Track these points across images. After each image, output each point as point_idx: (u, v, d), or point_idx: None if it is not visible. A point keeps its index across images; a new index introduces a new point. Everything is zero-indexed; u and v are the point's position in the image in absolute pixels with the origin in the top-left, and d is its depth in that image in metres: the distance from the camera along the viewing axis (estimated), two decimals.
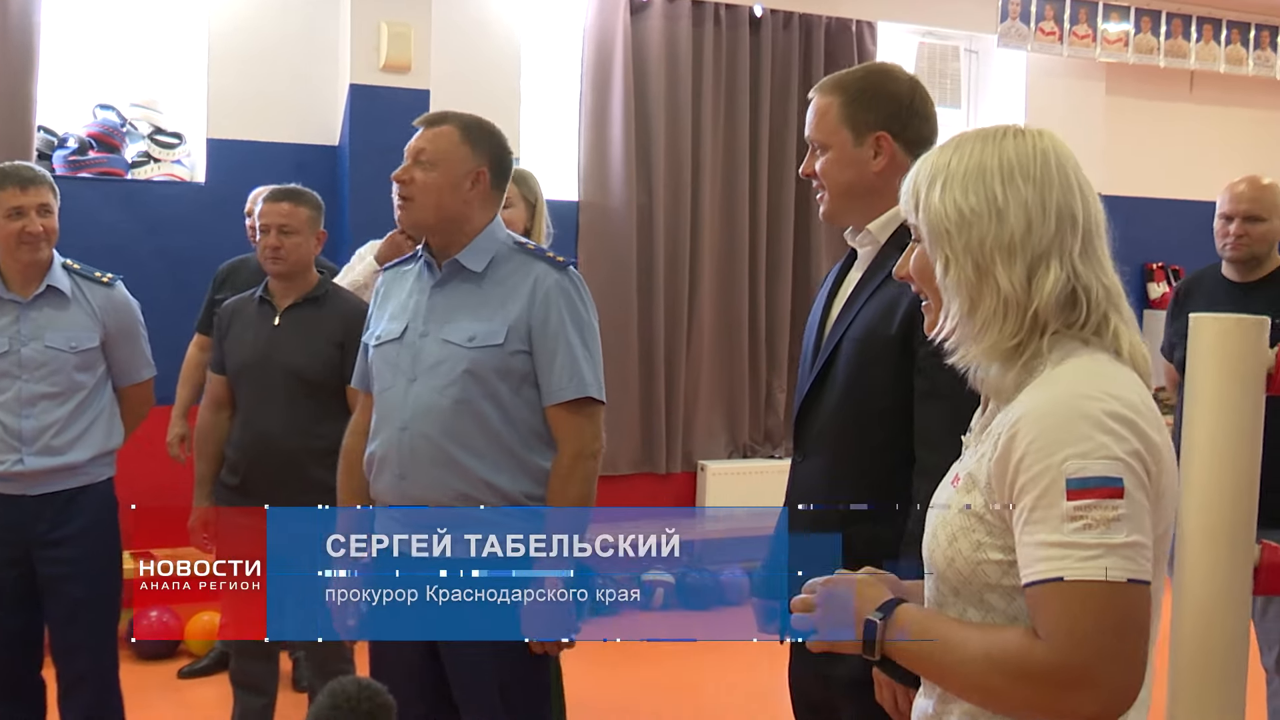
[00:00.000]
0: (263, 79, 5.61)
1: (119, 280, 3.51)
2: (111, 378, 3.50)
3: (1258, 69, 7.82)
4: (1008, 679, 1.41)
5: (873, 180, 2.30)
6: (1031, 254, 1.49)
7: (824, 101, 2.32)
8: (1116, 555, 1.37)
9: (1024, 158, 1.51)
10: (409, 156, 2.69)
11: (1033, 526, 1.40)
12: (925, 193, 1.54)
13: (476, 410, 2.64)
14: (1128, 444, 1.39)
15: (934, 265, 1.53)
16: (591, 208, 6.22)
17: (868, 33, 6.78)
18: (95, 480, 3.43)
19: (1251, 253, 3.80)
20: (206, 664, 4.95)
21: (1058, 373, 1.47)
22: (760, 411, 6.69)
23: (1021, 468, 1.41)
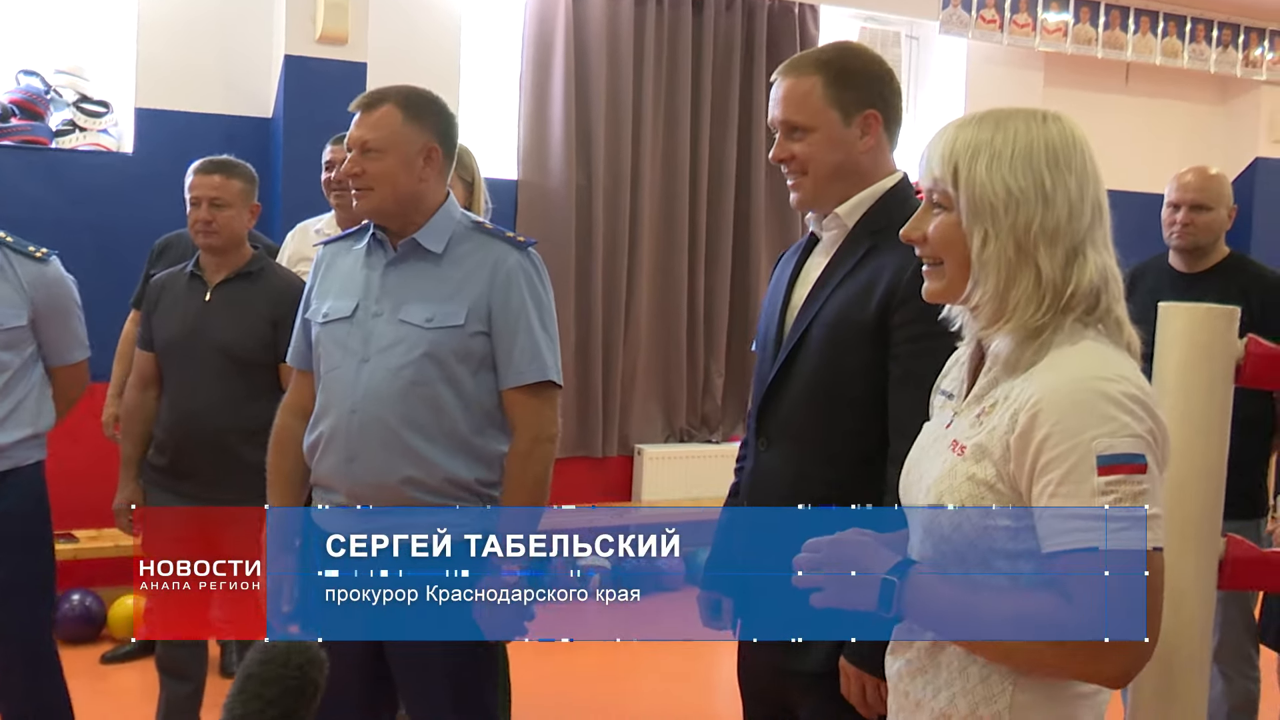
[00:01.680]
0: (194, 48, 5.45)
1: (54, 256, 3.32)
2: (42, 358, 3.33)
3: (1193, 62, 7.90)
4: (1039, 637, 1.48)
5: (859, 161, 2.25)
6: (1070, 241, 1.56)
7: (804, 82, 2.24)
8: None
9: (1066, 145, 1.58)
10: (354, 147, 2.59)
11: (1061, 499, 1.48)
12: (968, 165, 1.57)
13: (431, 393, 2.56)
14: (1145, 423, 1.49)
15: (969, 238, 1.57)
16: (530, 187, 6.13)
17: (810, 16, 6.74)
18: (20, 464, 3.25)
19: (1197, 242, 3.80)
20: (131, 649, 4.83)
21: (1071, 355, 1.54)
22: (698, 396, 6.65)
23: (1047, 445, 1.49)
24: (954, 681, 1.61)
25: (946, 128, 1.62)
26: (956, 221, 1.58)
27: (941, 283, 1.63)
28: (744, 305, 6.66)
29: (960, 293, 1.61)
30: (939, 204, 1.60)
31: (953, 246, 1.59)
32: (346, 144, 2.62)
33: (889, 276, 2.14)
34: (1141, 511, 1.45)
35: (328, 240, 2.85)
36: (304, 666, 1.93)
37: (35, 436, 3.29)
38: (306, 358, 2.75)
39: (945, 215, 1.60)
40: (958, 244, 1.58)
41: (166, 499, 3.55)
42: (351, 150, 2.60)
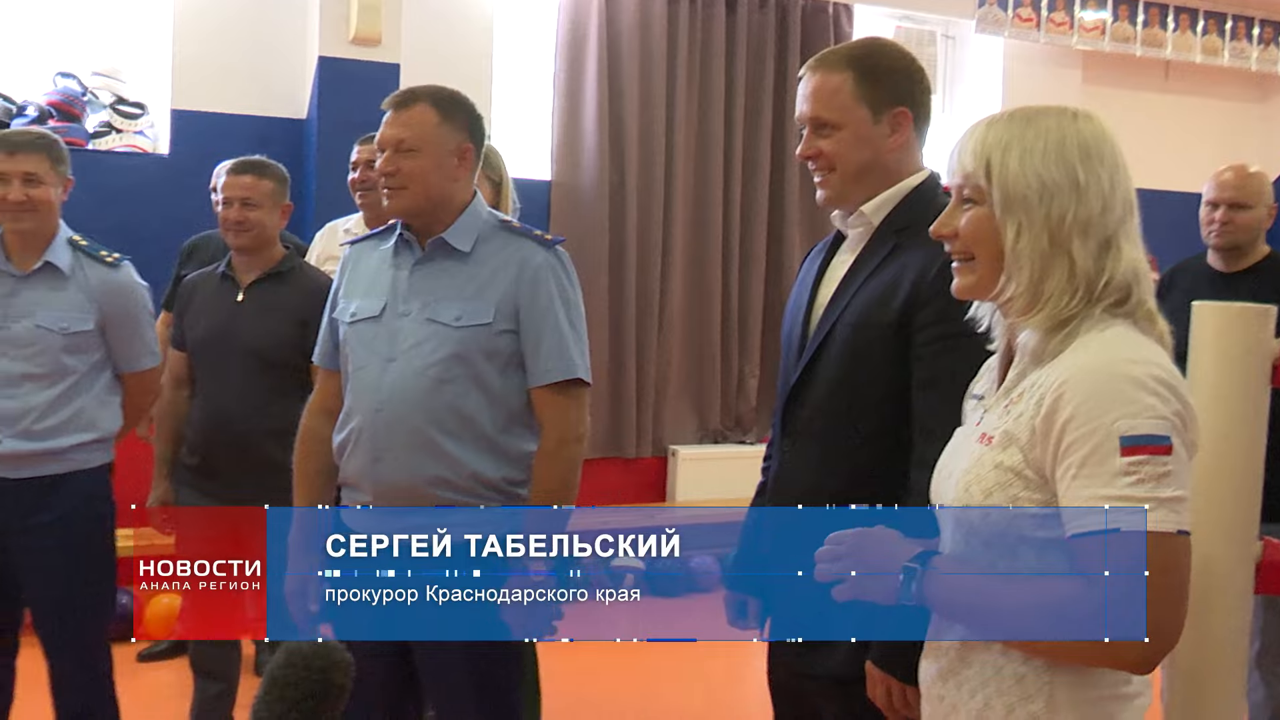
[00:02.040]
0: (229, 49, 5.48)
1: (125, 261, 3.30)
2: (112, 364, 3.30)
3: (1233, 60, 7.81)
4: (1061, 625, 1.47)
5: (887, 159, 2.22)
6: (1103, 233, 1.56)
7: (833, 78, 2.20)
8: (1166, 508, 1.45)
9: (1097, 140, 1.58)
10: (387, 146, 2.57)
11: (1084, 481, 1.47)
12: (1000, 158, 1.58)
13: (458, 392, 2.56)
14: (1171, 405, 1.47)
15: (1003, 231, 1.57)
16: (563, 187, 6.13)
17: (844, 15, 6.71)
18: (81, 468, 3.22)
19: (1235, 241, 3.75)
20: (166, 647, 4.85)
21: (1098, 340, 1.53)
22: (731, 396, 6.63)
23: (1070, 427, 1.48)
24: (988, 682, 1.60)
25: (976, 124, 1.63)
26: (989, 215, 1.58)
27: (973, 278, 1.62)
28: (777, 305, 6.62)
29: (992, 287, 1.61)
30: (970, 199, 1.61)
31: (985, 240, 1.59)
32: (379, 143, 2.61)
33: (913, 276, 2.12)
34: (1166, 493, 1.44)
35: (354, 240, 2.84)
36: (326, 670, 1.94)
37: (99, 441, 3.26)
38: (333, 357, 2.75)
39: (977, 209, 1.60)
40: (990, 238, 1.59)
41: (196, 498, 3.56)
42: (384, 149, 2.58)
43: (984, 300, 1.66)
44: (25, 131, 3.34)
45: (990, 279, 1.60)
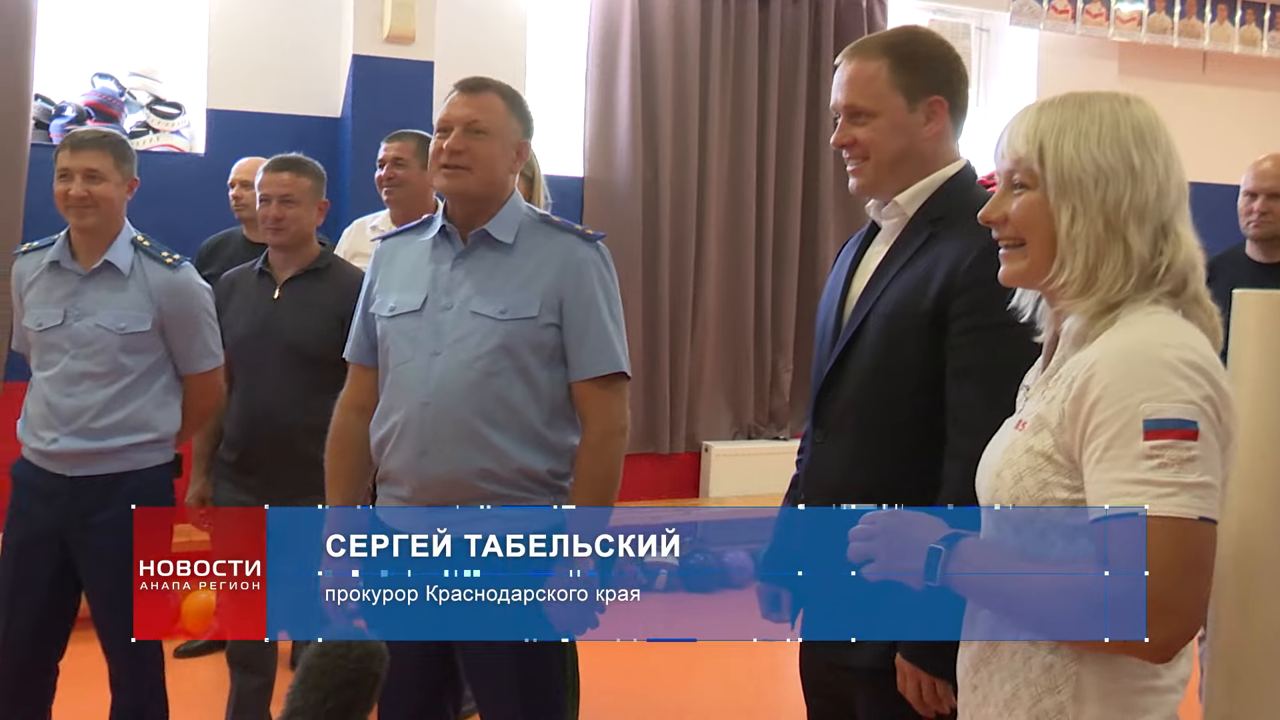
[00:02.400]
0: (264, 49, 5.52)
1: (186, 262, 3.33)
2: (173, 364, 3.33)
3: (1272, 50, 7.73)
4: (1079, 609, 1.44)
5: (922, 148, 2.21)
6: (1158, 219, 1.55)
7: (869, 66, 2.20)
8: (1190, 494, 1.42)
9: (1150, 124, 1.57)
10: (458, 125, 2.57)
11: (1107, 464, 1.45)
12: (1055, 142, 1.56)
13: (504, 384, 2.56)
14: (1201, 389, 1.44)
15: (1057, 215, 1.56)
16: (597, 184, 6.14)
17: (878, 9, 6.69)
18: (139, 467, 3.25)
19: (1275, 230, 3.73)
20: (201, 644, 4.89)
21: (1136, 324, 1.51)
22: (765, 392, 6.62)
23: (1097, 409, 1.46)
24: (1017, 672, 1.58)
25: (1027, 109, 1.61)
26: (1042, 200, 1.56)
27: (1023, 263, 1.60)
28: (811, 300, 6.61)
29: (1044, 273, 1.58)
30: (1022, 184, 1.59)
31: (1037, 225, 1.57)
32: (446, 121, 2.59)
33: (947, 266, 2.11)
34: (1189, 478, 1.41)
35: (387, 235, 2.84)
36: (363, 659, 1.95)
37: (156, 441, 3.28)
38: (367, 353, 2.75)
39: (1029, 194, 1.58)
40: (1043, 222, 1.56)
41: (234, 494, 3.58)
42: (451, 128, 2.58)
43: (1032, 287, 1.65)
44: (92, 130, 3.39)
45: (1042, 265, 1.58)
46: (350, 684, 1.92)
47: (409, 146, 4.16)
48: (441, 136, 2.59)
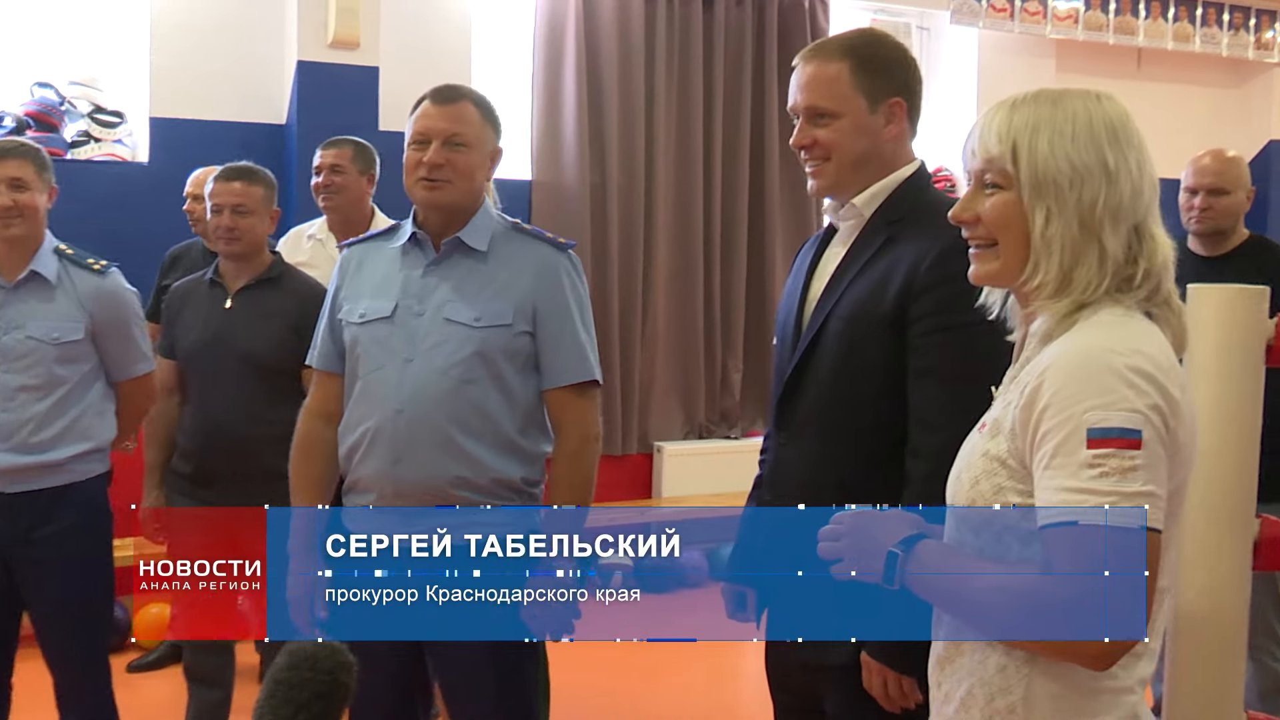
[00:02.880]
0: (207, 56, 5.47)
1: (113, 268, 3.29)
2: (105, 372, 3.30)
3: (1205, 46, 7.87)
4: (1019, 616, 1.45)
5: (883, 149, 2.23)
6: (1133, 219, 1.54)
7: (831, 67, 2.21)
8: (1130, 503, 1.42)
9: (1123, 122, 1.56)
10: (436, 138, 2.57)
11: (1052, 472, 1.44)
12: (1029, 141, 1.54)
13: (479, 392, 2.56)
14: (1148, 398, 1.44)
15: (1031, 216, 1.54)
16: (545, 187, 6.14)
17: (820, 9, 6.73)
18: (79, 479, 3.22)
19: (1217, 226, 3.79)
20: (156, 657, 4.83)
21: (1090, 328, 1.50)
22: (716, 392, 6.65)
23: (1045, 415, 1.46)
24: (974, 671, 1.59)
25: (996, 108, 1.59)
26: (1015, 200, 1.55)
27: (994, 264, 1.59)
28: (760, 300, 6.65)
29: (1016, 275, 1.57)
30: (994, 184, 1.57)
31: (1011, 226, 1.56)
32: (424, 134, 2.58)
33: (906, 268, 2.13)
34: (1131, 488, 1.40)
35: (354, 240, 2.83)
36: (334, 670, 1.93)
37: (95, 451, 3.25)
38: (333, 360, 2.74)
39: (1002, 194, 1.56)
40: (1016, 223, 1.55)
41: (190, 506, 3.55)
42: (430, 140, 2.57)
43: (1004, 287, 1.63)
44: (10, 140, 3.34)
45: (1014, 266, 1.57)
46: (320, 696, 1.90)
47: (346, 153, 4.15)
48: (419, 149, 2.59)
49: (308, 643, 2.07)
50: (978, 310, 1.82)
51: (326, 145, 4.17)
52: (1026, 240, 1.54)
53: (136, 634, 5.02)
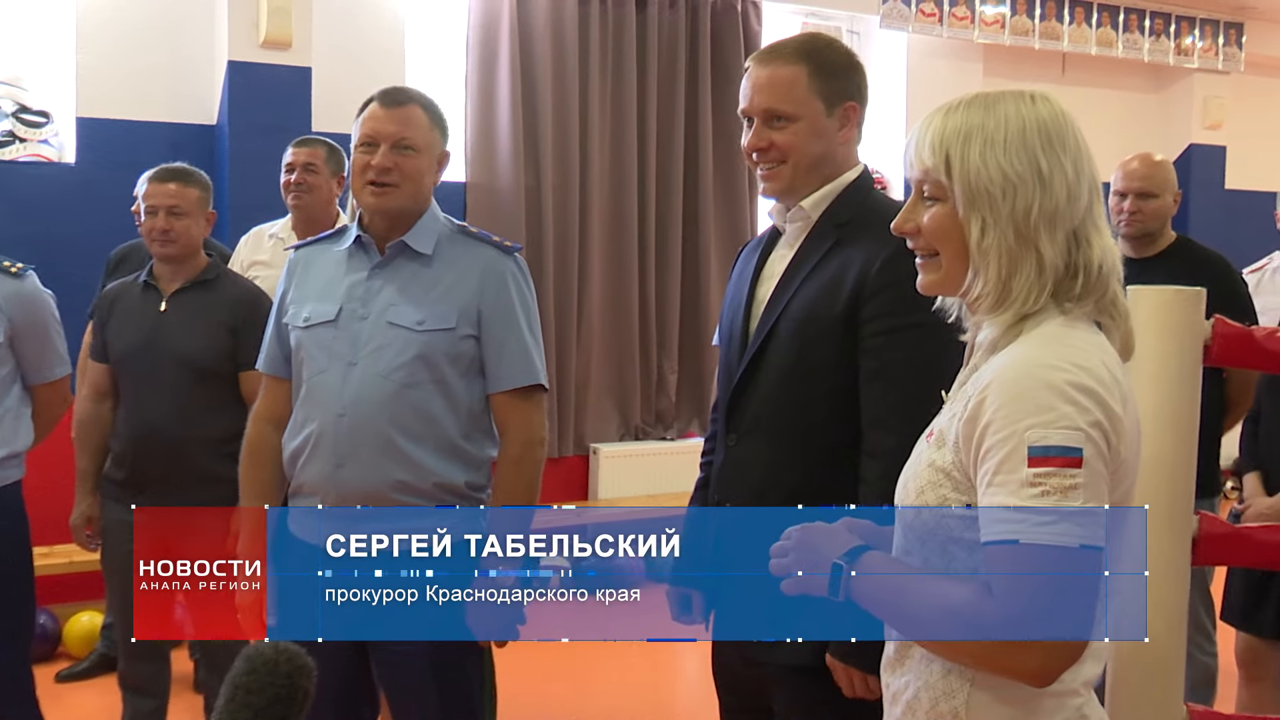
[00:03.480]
0: (136, 55, 5.38)
1: (30, 270, 3.23)
2: (21, 375, 3.24)
3: (1127, 51, 8.03)
4: (958, 631, 1.45)
5: (836, 152, 2.26)
6: (1070, 224, 1.52)
7: (787, 70, 2.23)
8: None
9: (1058, 125, 1.53)
10: (384, 141, 2.54)
11: (994, 489, 1.44)
12: (961, 150, 1.52)
13: (421, 396, 2.54)
14: (1090, 415, 1.42)
15: (967, 227, 1.52)
16: (479, 189, 6.12)
17: (753, 12, 6.77)
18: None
19: (1145, 228, 3.87)
20: (87, 666, 4.75)
21: (1034, 338, 1.50)
22: (651, 393, 6.66)
23: (988, 432, 1.45)
24: (920, 674, 1.59)
25: (932, 116, 1.57)
26: (952, 211, 1.53)
27: (938, 274, 1.58)
28: (695, 301, 6.68)
29: (959, 284, 1.56)
30: (931, 195, 1.55)
31: (949, 237, 1.54)
32: (371, 137, 2.56)
33: (857, 270, 2.15)
34: (1070, 506, 1.40)
35: (301, 244, 2.81)
36: (292, 674, 1.91)
37: (12, 456, 3.20)
38: (280, 364, 2.71)
39: (939, 206, 1.55)
40: (954, 234, 1.53)
41: (123, 513, 3.49)
42: (378, 143, 2.55)
43: (950, 296, 1.62)
44: None
45: (956, 276, 1.56)
46: (279, 700, 1.87)
47: (319, 153, 4.12)
48: (366, 152, 2.57)
49: (266, 646, 2.05)
50: (929, 311, 1.84)
51: (299, 144, 4.13)
52: (966, 251, 1.53)
53: (66, 643, 4.95)
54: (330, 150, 4.14)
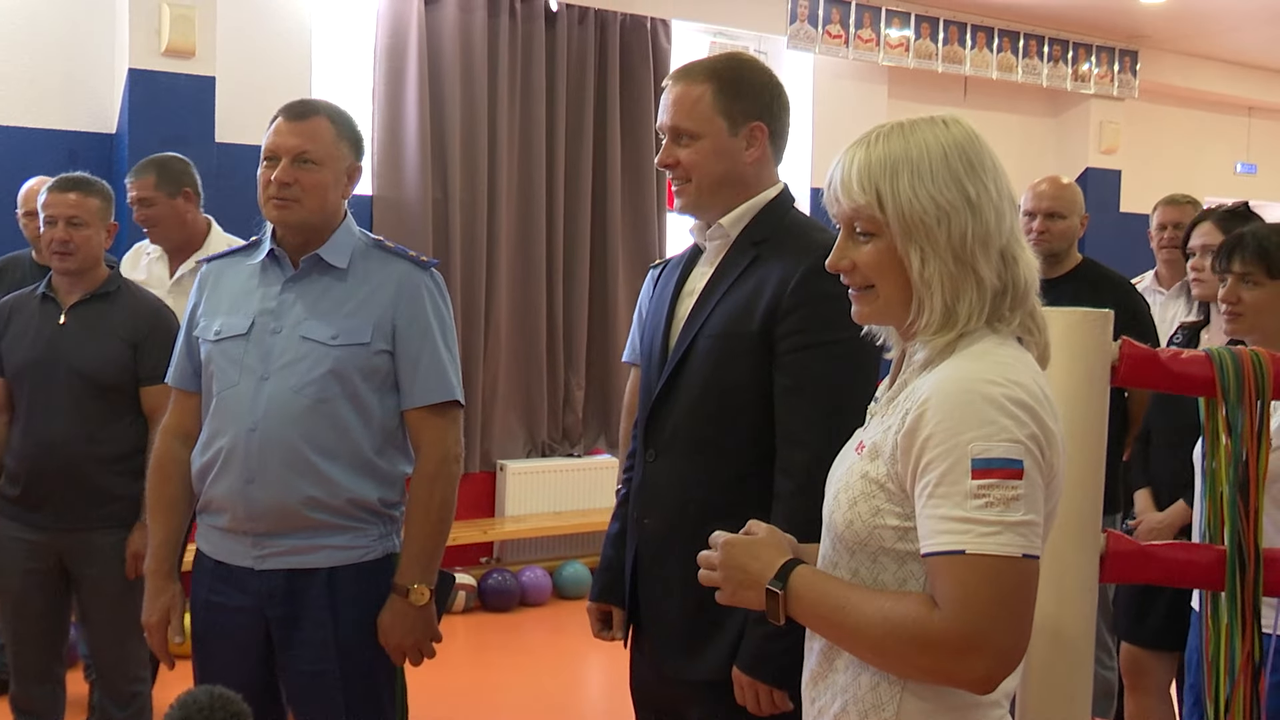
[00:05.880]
0: (33, 61, 5.24)
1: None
2: None
3: (1026, 76, 8.20)
4: (904, 643, 1.47)
5: (744, 171, 2.27)
6: (1001, 243, 1.55)
7: (694, 89, 2.25)
8: (1013, 532, 1.43)
9: (974, 146, 1.57)
10: (284, 155, 2.50)
11: (936, 501, 1.46)
12: (890, 185, 1.54)
13: (334, 411, 2.50)
14: (1027, 428, 1.46)
15: (907, 260, 1.54)
16: (385, 202, 6.05)
17: (662, 30, 6.81)
18: None
19: (1052, 249, 3.95)
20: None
21: (968, 357, 1.52)
22: (559, 410, 6.64)
23: (928, 445, 1.47)
24: (847, 688, 1.59)
25: (850, 150, 1.58)
26: (889, 246, 1.55)
27: (873, 305, 1.59)
28: (603, 317, 6.67)
29: (899, 316, 1.58)
30: (866, 231, 1.56)
31: (888, 271, 1.56)
32: (272, 150, 2.52)
33: (773, 287, 2.17)
34: (1013, 517, 1.42)
35: (212, 257, 2.76)
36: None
37: None
38: (189, 378, 2.66)
39: (875, 241, 1.56)
40: (894, 268, 1.55)
41: (19, 531, 3.41)
42: (279, 157, 2.51)
43: (888, 325, 1.63)
44: None
45: (896, 308, 1.57)
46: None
47: (148, 182, 4.06)
48: (269, 166, 2.53)
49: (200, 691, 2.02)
50: (843, 329, 1.86)
51: (131, 174, 4.10)
52: (906, 282, 1.55)
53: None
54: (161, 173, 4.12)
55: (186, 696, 2.00)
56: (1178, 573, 2.03)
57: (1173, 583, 2.12)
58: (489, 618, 5.92)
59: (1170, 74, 8.99)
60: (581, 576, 6.19)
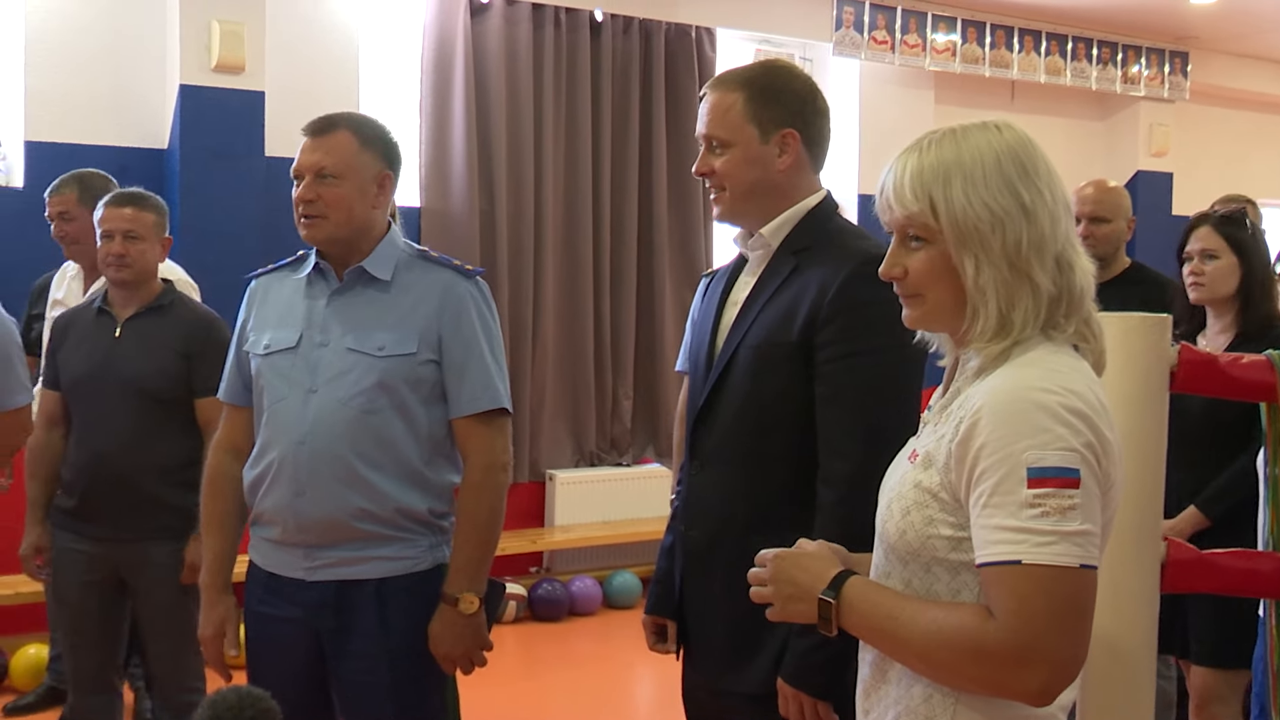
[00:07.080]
0: (85, 78, 5.31)
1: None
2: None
3: (1075, 80, 8.14)
4: (958, 654, 1.45)
5: (777, 179, 2.25)
6: (1056, 249, 1.53)
7: (726, 98, 2.25)
8: (1069, 542, 1.41)
9: (1027, 151, 1.55)
10: (307, 173, 2.52)
11: (991, 510, 1.44)
12: (944, 191, 1.52)
13: (383, 422, 2.51)
14: (1083, 436, 1.44)
15: (961, 267, 1.53)
16: (433, 213, 6.08)
17: (706, 39, 6.80)
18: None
19: (1098, 253, 3.87)
20: (33, 700, 4.65)
21: (1022, 365, 1.50)
22: (606, 419, 6.64)
23: (983, 454, 1.45)
24: (900, 699, 1.58)
25: (902, 157, 1.57)
26: (943, 253, 1.53)
27: (922, 309, 1.58)
28: (650, 326, 6.67)
29: (952, 322, 1.57)
30: (919, 237, 1.55)
31: (942, 279, 1.55)
32: (296, 170, 2.55)
33: (812, 296, 2.15)
34: (1070, 526, 1.41)
35: (261, 272, 2.78)
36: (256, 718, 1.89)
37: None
38: (241, 393, 2.68)
39: (929, 249, 1.55)
40: (947, 275, 1.54)
41: (73, 542, 3.44)
42: (302, 176, 2.53)
43: (942, 332, 1.62)
44: None
45: (950, 314, 1.56)
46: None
47: (70, 198, 4.11)
48: (297, 185, 2.55)
49: (230, 691, 2.02)
50: (885, 336, 1.84)
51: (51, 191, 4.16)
52: (960, 289, 1.53)
53: (12, 676, 4.85)
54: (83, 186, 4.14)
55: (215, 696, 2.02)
56: (1240, 582, 2.00)
57: (1235, 592, 2.09)
58: (539, 627, 5.93)
59: (1221, 75, 8.89)
60: (631, 586, 6.19)
